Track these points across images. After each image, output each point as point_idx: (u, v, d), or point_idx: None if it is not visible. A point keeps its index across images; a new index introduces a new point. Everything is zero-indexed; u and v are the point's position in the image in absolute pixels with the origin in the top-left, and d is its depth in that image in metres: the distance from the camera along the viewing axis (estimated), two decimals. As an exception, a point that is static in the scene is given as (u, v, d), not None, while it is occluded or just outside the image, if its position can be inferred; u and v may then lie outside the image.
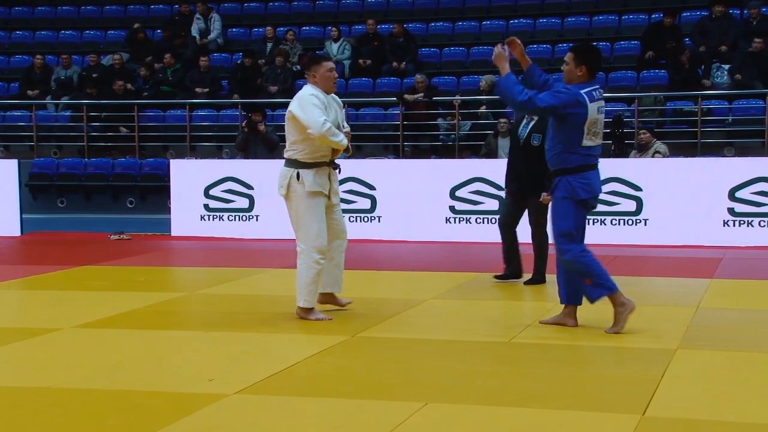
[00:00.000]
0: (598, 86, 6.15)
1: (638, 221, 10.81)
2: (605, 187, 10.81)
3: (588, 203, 6.08)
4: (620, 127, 13.00)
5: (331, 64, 6.45)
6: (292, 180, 6.30)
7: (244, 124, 12.37)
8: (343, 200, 11.56)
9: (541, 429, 4.19)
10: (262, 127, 12.89)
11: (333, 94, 6.45)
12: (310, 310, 6.38)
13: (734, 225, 10.58)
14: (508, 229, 8.16)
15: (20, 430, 4.23)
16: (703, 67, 14.33)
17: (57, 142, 16.35)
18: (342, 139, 6.26)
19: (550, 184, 6.15)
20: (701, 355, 5.59)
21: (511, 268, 8.17)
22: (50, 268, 9.21)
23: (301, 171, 6.29)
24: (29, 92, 16.45)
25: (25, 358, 5.62)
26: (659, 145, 11.75)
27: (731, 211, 10.59)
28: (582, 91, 6.00)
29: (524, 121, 8.01)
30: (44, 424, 4.31)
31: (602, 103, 6.17)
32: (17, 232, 12.28)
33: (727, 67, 14.24)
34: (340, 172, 6.53)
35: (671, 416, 4.36)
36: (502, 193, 11.13)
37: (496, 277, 8.22)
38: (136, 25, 17.30)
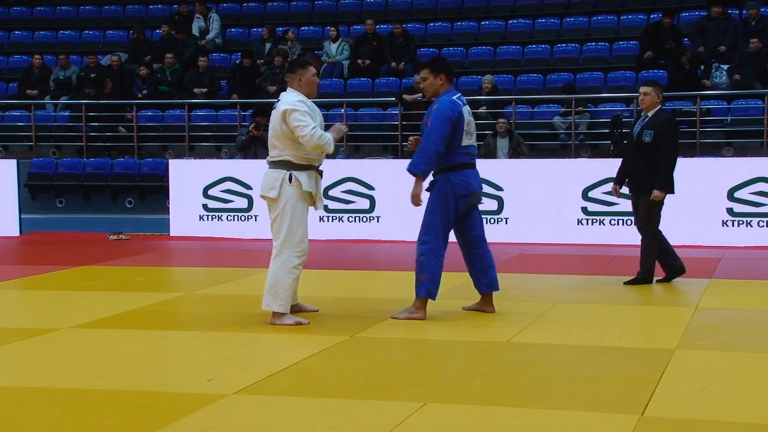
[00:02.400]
0: (458, 93, 6.61)
1: (637, 221, 10.79)
2: (603, 187, 10.86)
3: (465, 199, 6.46)
4: (619, 127, 13.01)
5: (314, 69, 6.48)
6: (284, 182, 6.21)
7: (251, 128, 12.36)
8: (341, 200, 11.67)
9: (539, 429, 4.19)
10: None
11: None
12: (284, 315, 6.28)
13: (733, 225, 10.58)
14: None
15: (19, 430, 4.23)
16: (702, 67, 14.34)
17: (56, 142, 16.36)
18: (330, 139, 6.24)
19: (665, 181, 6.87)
20: (700, 355, 5.59)
21: (670, 268, 8.00)
22: (49, 268, 9.21)
23: (294, 173, 6.23)
24: (28, 92, 16.45)
25: (23, 359, 5.62)
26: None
27: (730, 211, 10.59)
28: (453, 98, 6.44)
29: (640, 118, 7.96)
30: (43, 424, 4.30)
31: (468, 107, 6.59)
32: (16, 232, 12.27)
33: (726, 67, 14.25)
34: (322, 177, 6.47)
35: (670, 416, 4.36)
36: (501, 194, 11.23)
37: (658, 280, 8.00)
38: (132, 31, 17.31)
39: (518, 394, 4.72)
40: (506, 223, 11.10)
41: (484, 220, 7.06)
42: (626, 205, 10.82)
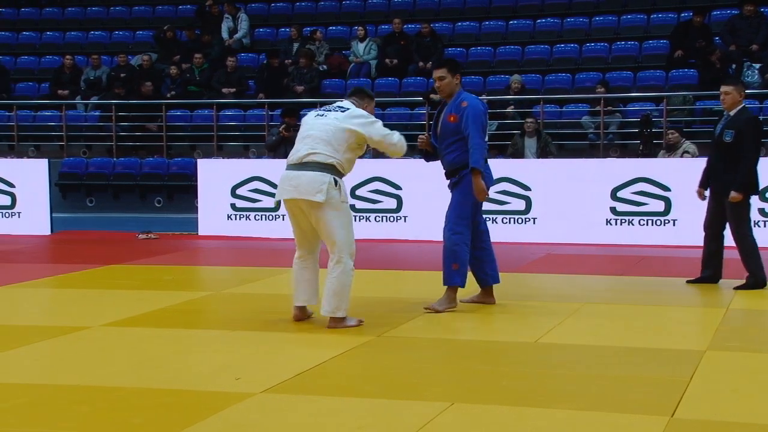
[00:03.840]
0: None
1: (666, 221, 10.72)
2: (633, 188, 10.79)
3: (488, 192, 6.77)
4: (648, 126, 12.91)
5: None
6: (330, 186, 6.06)
7: (282, 129, 12.40)
8: (368, 200, 11.67)
9: (567, 430, 4.17)
10: None
11: None
12: (345, 318, 6.22)
13: (765, 225, 10.46)
14: (709, 231, 7.84)
15: (49, 428, 4.26)
16: (734, 66, 14.20)
17: (86, 142, 16.50)
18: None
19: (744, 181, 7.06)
20: (731, 356, 5.53)
21: (708, 272, 7.82)
22: (79, 266, 9.28)
23: (337, 179, 6.13)
24: (59, 92, 16.61)
25: (53, 356, 5.67)
26: (688, 145, 11.65)
27: (762, 211, 10.47)
28: (478, 97, 6.83)
29: (722, 118, 7.84)
30: (72, 421, 4.34)
31: None
32: (47, 231, 12.39)
33: (758, 66, 14.10)
34: None
35: (700, 418, 4.31)
36: (529, 194, 11.19)
37: (689, 281, 7.91)
38: (166, 27, 17.41)
39: (546, 394, 4.70)
40: (534, 222, 11.05)
41: (512, 220, 7.12)
42: (655, 205, 10.78)
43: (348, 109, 6.28)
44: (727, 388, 4.82)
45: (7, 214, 12.53)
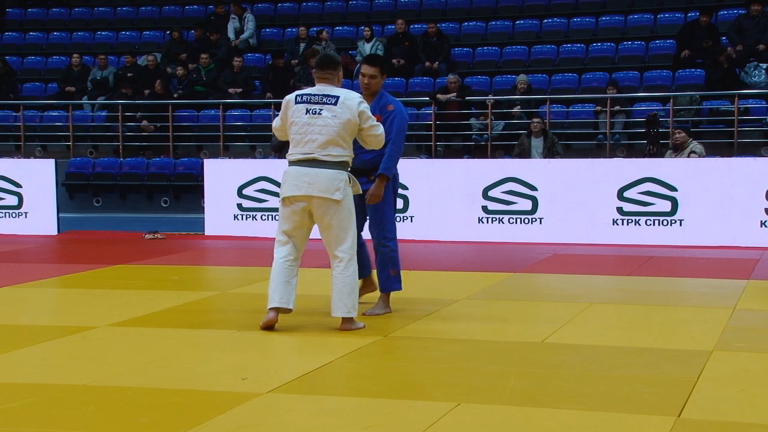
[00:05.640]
0: None
1: (673, 222, 10.71)
2: (639, 187, 10.78)
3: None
4: (655, 126, 12.89)
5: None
6: (345, 183, 5.98)
7: None
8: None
9: (574, 430, 4.16)
10: None
11: None
12: (354, 320, 6.16)
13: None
14: None
15: (56, 427, 4.27)
16: (745, 67, 14.17)
17: (93, 142, 16.53)
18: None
19: None
20: (738, 357, 5.52)
21: None
22: (85, 266, 9.30)
23: (350, 175, 6.06)
24: (66, 89, 16.63)
25: (60, 356, 5.68)
26: (695, 145, 11.63)
27: (769, 211, 10.45)
28: (400, 102, 6.78)
29: None
30: (80, 421, 4.34)
31: None
32: (54, 231, 12.42)
33: (764, 66, 14.07)
34: None
35: (707, 419, 4.30)
36: (536, 194, 11.18)
37: None
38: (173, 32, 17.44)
39: (553, 394, 4.69)
40: (540, 223, 11.04)
41: (518, 220, 7.10)
42: (662, 205, 10.75)
43: (338, 96, 5.98)
44: (734, 389, 4.81)
45: (14, 215, 12.56)
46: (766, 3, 14.85)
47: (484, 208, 11.22)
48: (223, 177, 12.18)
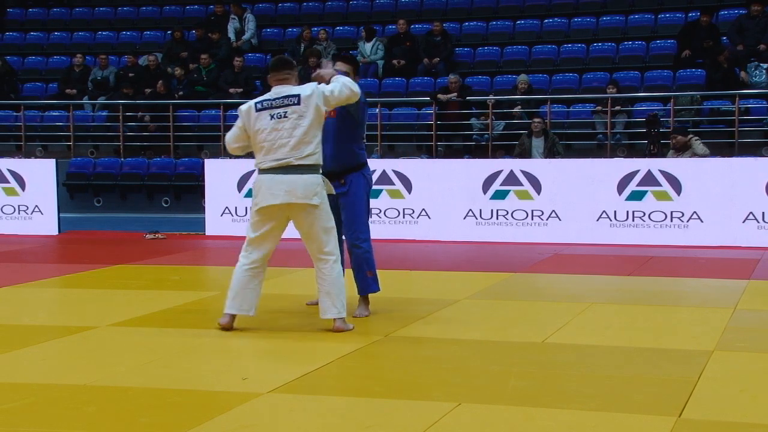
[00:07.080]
0: None
1: (674, 222, 10.69)
2: (641, 187, 10.76)
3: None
4: (656, 126, 12.89)
5: None
6: (321, 187, 5.96)
7: None
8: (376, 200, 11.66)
9: (575, 430, 4.16)
10: None
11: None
12: (344, 320, 6.14)
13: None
14: None
15: (56, 427, 4.27)
16: (746, 67, 14.16)
17: (93, 142, 16.54)
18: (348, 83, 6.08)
19: None
20: (738, 357, 5.52)
21: None
22: (86, 266, 9.30)
23: (324, 177, 6.03)
24: (67, 91, 16.63)
25: (60, 356, 5.68)
26: (698, 146, 11.64)
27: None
28: None
29: None
30: (80, 421, 4.34)
31: None
32: (55, 231, 12.42)
33: (765, 66, 14.07)
34: None
35: (708, 419, 4.30)
36: (536, 193, 11.16)
37: None
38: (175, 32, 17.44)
39: (553, 395, 4.69)
40: (541, 223, 11.03)
41: (519, 220, 7.05)
42: (662, 205, 10.75)
43: (298, 95, 5.90)
44: (734, 389, 4.80)
45: (15, 215, 12.56)
46: (767, 3, 14.85)
47: (485, 208, 11.21)
48: (223, 177, 12.18)
